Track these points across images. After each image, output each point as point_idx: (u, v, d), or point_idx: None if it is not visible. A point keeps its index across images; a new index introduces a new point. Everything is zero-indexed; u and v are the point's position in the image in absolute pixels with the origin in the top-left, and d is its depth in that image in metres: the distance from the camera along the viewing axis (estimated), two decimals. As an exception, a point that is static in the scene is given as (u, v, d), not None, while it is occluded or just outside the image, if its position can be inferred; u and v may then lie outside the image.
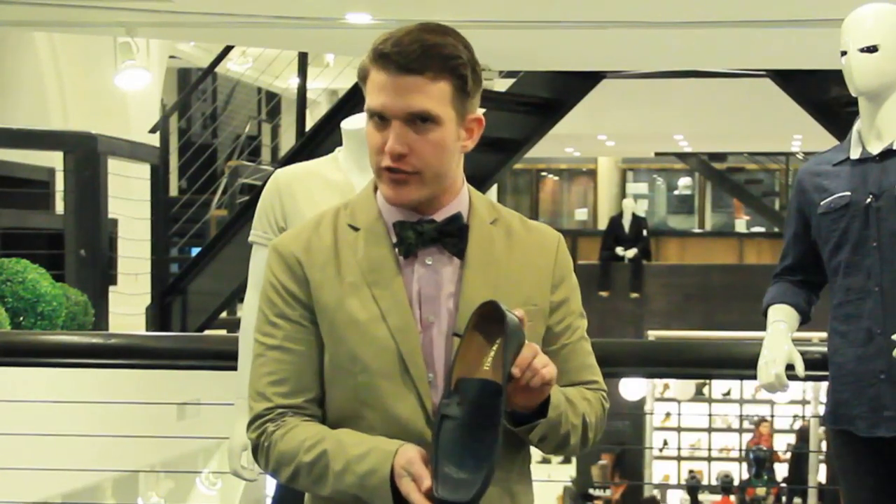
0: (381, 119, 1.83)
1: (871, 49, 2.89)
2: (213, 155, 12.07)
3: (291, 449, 1.84)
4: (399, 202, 1.86)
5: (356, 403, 1.86)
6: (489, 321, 1.78)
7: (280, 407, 1.88)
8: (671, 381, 13.30)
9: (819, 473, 11.90)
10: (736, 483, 12.16)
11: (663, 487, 13.14)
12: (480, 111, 1.91)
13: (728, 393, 14.13)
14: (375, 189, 1.93)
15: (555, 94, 9.21)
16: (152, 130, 8.43)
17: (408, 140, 1.81)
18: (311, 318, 1.88)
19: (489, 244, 1.91)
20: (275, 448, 1.86)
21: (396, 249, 1.88)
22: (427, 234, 1.86)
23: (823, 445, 11.40)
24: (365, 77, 1.85)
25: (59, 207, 8.12)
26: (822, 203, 2.97)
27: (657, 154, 19.95)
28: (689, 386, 13.51)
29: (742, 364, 3.24)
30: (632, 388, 12.11)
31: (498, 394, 1.74)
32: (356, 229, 1.90)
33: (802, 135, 14.71)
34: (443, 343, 1.87)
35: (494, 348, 1.78)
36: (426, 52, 1.79)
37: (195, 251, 9.01)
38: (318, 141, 7.96)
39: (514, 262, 1.92)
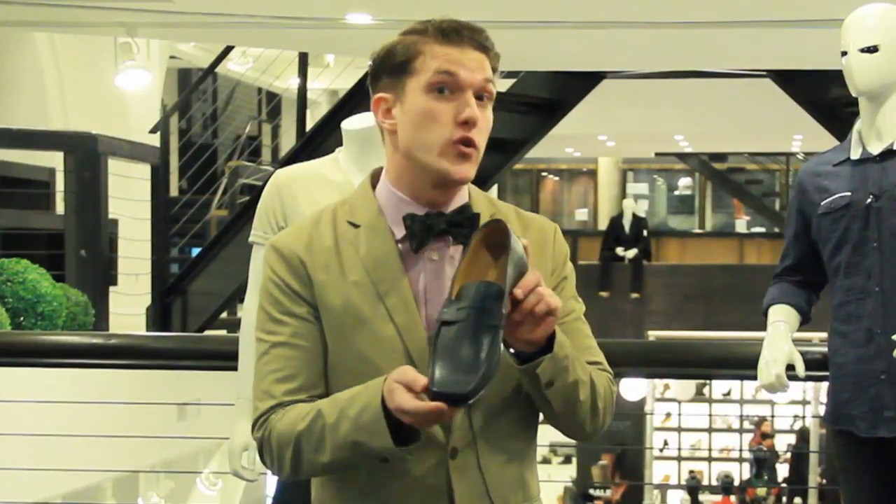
0: (448, 91, 1.81)
1: (872, 49, 2.89)
2: (213, 155, 12.04)
3: (289, 424, 1.81)
4: (465, 178, 1.83)
5: None
6: (494, 239, 1.77)
7: (286, 403, 1.85)
8: (671, 382, 13.30)
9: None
10: (736, 483, 12.15)
11: (663, 488, 13.13)
12: None
13: (728, 393, 14.13)
14: (373, 186, 1.92)
15: (555, 95, 9.21)
16: (153, 131, 8.43)
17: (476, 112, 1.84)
18: (316, 314, 1.86)
19: None
20: (275, 432, 1.82)
21: (400, 245, 1.86)
22: (437, 227, 1.85)
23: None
24: (413, 56, 1.83)
25: (60, 207, 8.12)
26: (822, 203, 2.97)
27: (657, 154, 19.95)
28: (689, 386, 13.51)
29: (742, 364, 3.24)
30: (632, 388, 12.10)
31: (500, 296, 1.70)
32: (356, 226, 1.89)
33: (802, 135, 14.71)
34: None
35: (498, 264, 1.76)
36: (487, 35, 1.85)
37: (195, 251, 9.01)
38: (319, 141, 7.96)
39: None
